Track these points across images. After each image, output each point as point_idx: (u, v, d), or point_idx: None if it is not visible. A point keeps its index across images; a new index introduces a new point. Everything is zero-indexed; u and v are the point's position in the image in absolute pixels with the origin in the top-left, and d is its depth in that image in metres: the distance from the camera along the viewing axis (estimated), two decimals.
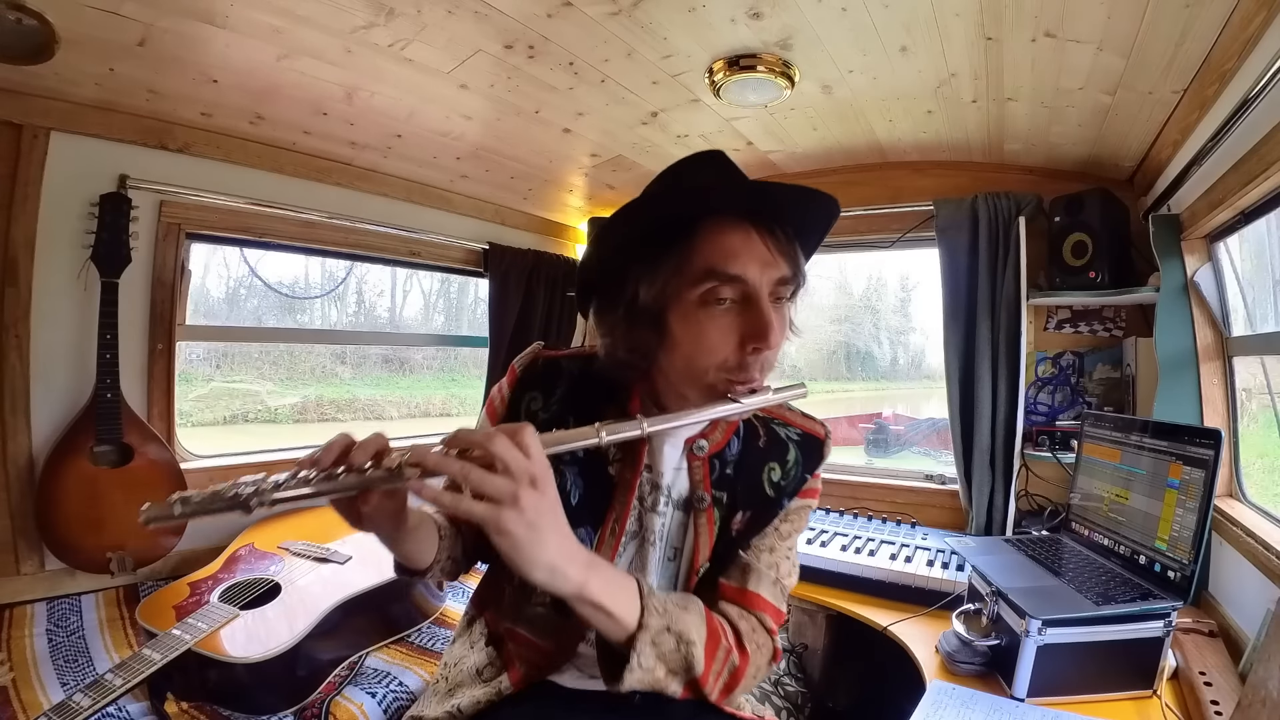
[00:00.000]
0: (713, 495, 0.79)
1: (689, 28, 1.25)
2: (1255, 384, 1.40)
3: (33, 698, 1.09)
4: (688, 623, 0.67)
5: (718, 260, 0.67)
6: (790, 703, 1.35)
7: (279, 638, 1.17)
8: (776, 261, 0.68)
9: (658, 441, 0.78)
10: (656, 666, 0.64)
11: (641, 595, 0.64)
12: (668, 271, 0.68)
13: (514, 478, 0.53)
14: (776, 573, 0.80)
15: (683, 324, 0.69)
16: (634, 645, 0.62)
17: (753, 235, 0.67)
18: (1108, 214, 1.65)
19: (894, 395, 3.84)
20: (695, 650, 0.66)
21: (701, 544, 0.78)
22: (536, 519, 0.54)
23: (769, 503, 0.81)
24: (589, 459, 0.78)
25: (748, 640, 0.74)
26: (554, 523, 0.57)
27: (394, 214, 2.08)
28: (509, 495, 0.53)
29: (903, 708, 1.05)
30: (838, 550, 1.60)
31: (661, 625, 0.64)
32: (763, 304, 0.67)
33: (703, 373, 0.69)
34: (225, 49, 1.28)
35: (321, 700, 1.15)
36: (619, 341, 0.74)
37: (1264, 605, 1.03)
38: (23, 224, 1.38)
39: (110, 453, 1.46)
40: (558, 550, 0.56)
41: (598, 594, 0.59)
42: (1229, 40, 1.05)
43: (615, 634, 0.63)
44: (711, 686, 0.70)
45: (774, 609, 0.79)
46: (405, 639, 1.41)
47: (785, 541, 0.82)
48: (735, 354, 0.68)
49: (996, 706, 1.03)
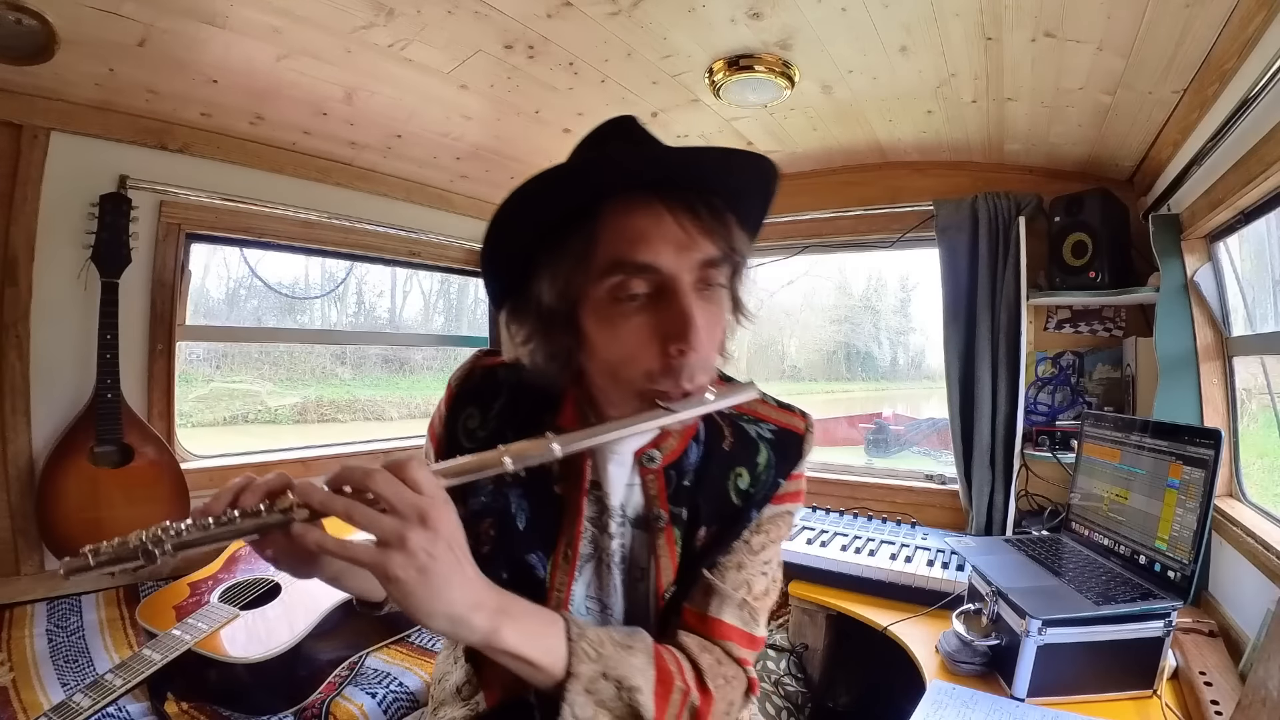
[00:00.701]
0: (670, 512, 0.69)
1: (689, 28, 1.25)
2: (1255, 384, 1.40)
3: (33, 698, 1.09)
4: (630, 666, 0.58)
5: (624, 248, 0.55)
6: (790, 703, 1.35)
7: (279, 638, 1.17)
8: (696, 242, 0.56)
9: (599, 458, 0.69)
10: (597, 715, 0.56)
11: (570, 639, 0.56)
12: (569, 265, 0.58)
13: (401, 515, 0.47)
14: (746, 592, 0.69)
15: (595, 326, 0.59)
16: (564, 695, 0.54)
17: (664, 214, 0.56)
18: (1108, 214, 1.65)
19: (894, 395, 3.84)
20: (641, 697, 0.57)
21: (664, 566, 0.69)
22: (428, 562, 0.47)
23: (735, 515, 0.70)
24: (533, 479, 0.68)
25: (710, 677, 0.64)
26: (451, 565, 0.49)
27: (394, 214, 2.08)
28: (395, 536, 0.47)
29: (903, 708, 1.05)
30: (838, 550, 1.60)
31: (595, 672, 0.56)
32: (682, 296, 0.56)
33: (628, 381, 0.59)
34: (225, 49, 1.28)
35: (321, 700, 1.15)
36: (537, 349, 0.64)
37: (1264, 605, 1.03)
38: (23, 224, 1.38)
39: (110, 453, 1.46)
40: (457, 596, 0.49)
41: (512, 642, 0.52)
42: (1229, 40, 1.05)
43: (541, 683, 0.56)
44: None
45: (742, 634, 0.69)
46: (405, 639, 1.41)
47: (758, 556, 0.71)
48: (658, 359, 0.57)
49: (996, 706, 1.03)
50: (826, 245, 2.23)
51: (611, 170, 0.57)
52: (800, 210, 2.14)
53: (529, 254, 0.61)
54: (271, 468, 1.85)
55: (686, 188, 0.58)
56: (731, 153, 0.56)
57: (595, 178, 0.57)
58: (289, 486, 0.50)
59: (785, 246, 2.27)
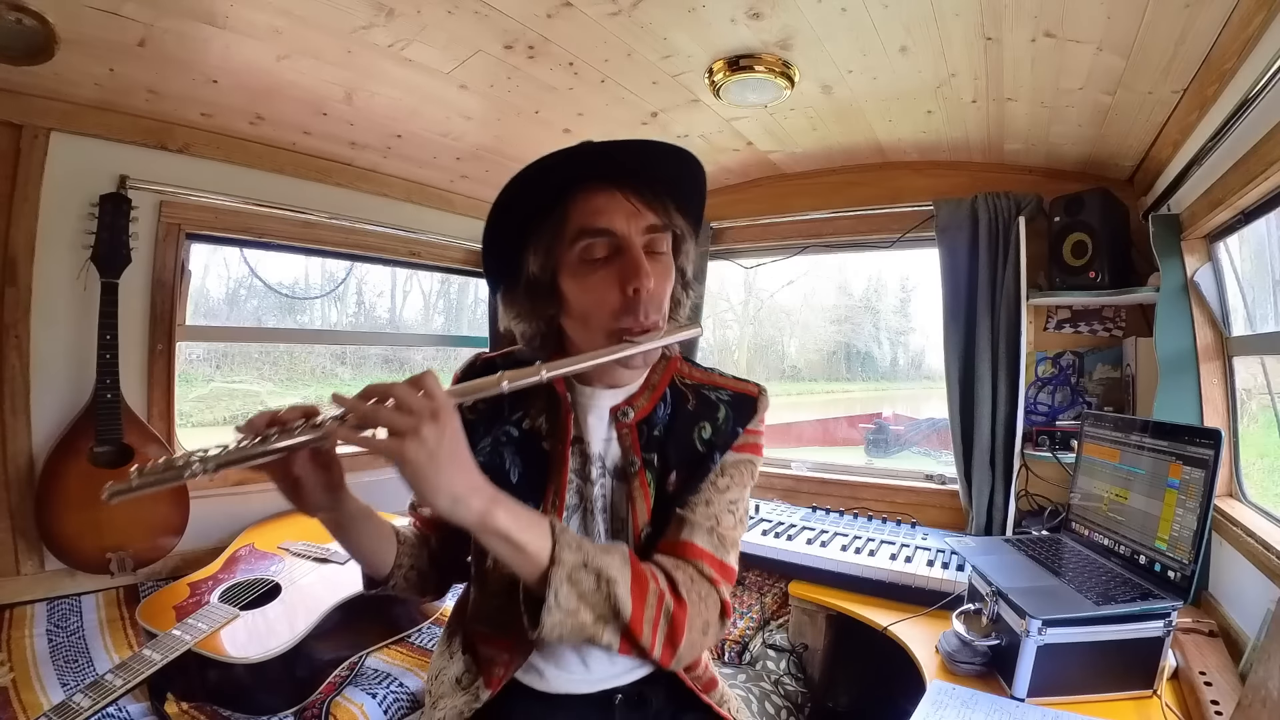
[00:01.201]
0: (643, 458, 0.80)
1: (689, 28, 1.25)
2: (1255, 384, 1.40)
3: (33, 698, 1.09)
4: (608, 562, 0.66)
5: (587, 218, 0.72)
6: (790, 702, 1.35)
7: (279, 638, 1.17)
8: (641, 212, 0.73)
9: (581, 413, 0.81)
10: (580, 609, 0.64)
11: (554, 532, 0.65)
12: (549, 239, 0.74)
13: (414, 413, 0.57)
14: (715, 523, 0.78)
15: (571, 283, 0.74)
16: (549, 581, 0.62)
17: (615, 193, 0.72)
18: (1108, 214, 1.65)
19: (894, 395, 3.83)
20: (619, 589, 0.65)
21: (639, 509, 0.79)
22: (436, 449, 0.57)
23: (701, 459, 0.81)
24: (525, 438, 0.82)
25: (685, 589, 0.71)
26: (454, 455, 0.59)
27: (394, 214, 2.08)
28: (410, 428, 0.56)
29: (903, 708, 1.05)
30: (838, 550, 1.60)
31: (577, 561, 0.64)
32: (633, 250, 0.72)
33: (599, 325, 0.73)
34: (225, 49, 1.28)
35: (321, 701, 1.15)
36: (526, 318, 0.79)
37: (1264, 605, 1.03)
38: (23, 224, 1.38)
39: (110, 453, 1.46)
40: (459, 479, 0.59)
41: (503, 524, 0.61)
42: (1229, 40, 1.05)
43: (528, 571, 0.63)
44: (649, 638, 0.68)
45: (712, 558, 0.76)
46: (405, 639, 1.41)
47: (724, 495, 0.80)
48: (619, 299, 0.72)
49: (996, 706, 1.03)
50: (826, 245, 2.23)
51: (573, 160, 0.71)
52: (800, 210, 2.14)
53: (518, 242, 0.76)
54: None
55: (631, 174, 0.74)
56: (659, 143, 0.72)
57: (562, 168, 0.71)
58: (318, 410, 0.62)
59: (785, 246, 2.27)
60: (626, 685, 0.85)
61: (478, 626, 0.85)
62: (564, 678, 0.82)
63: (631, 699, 0.85)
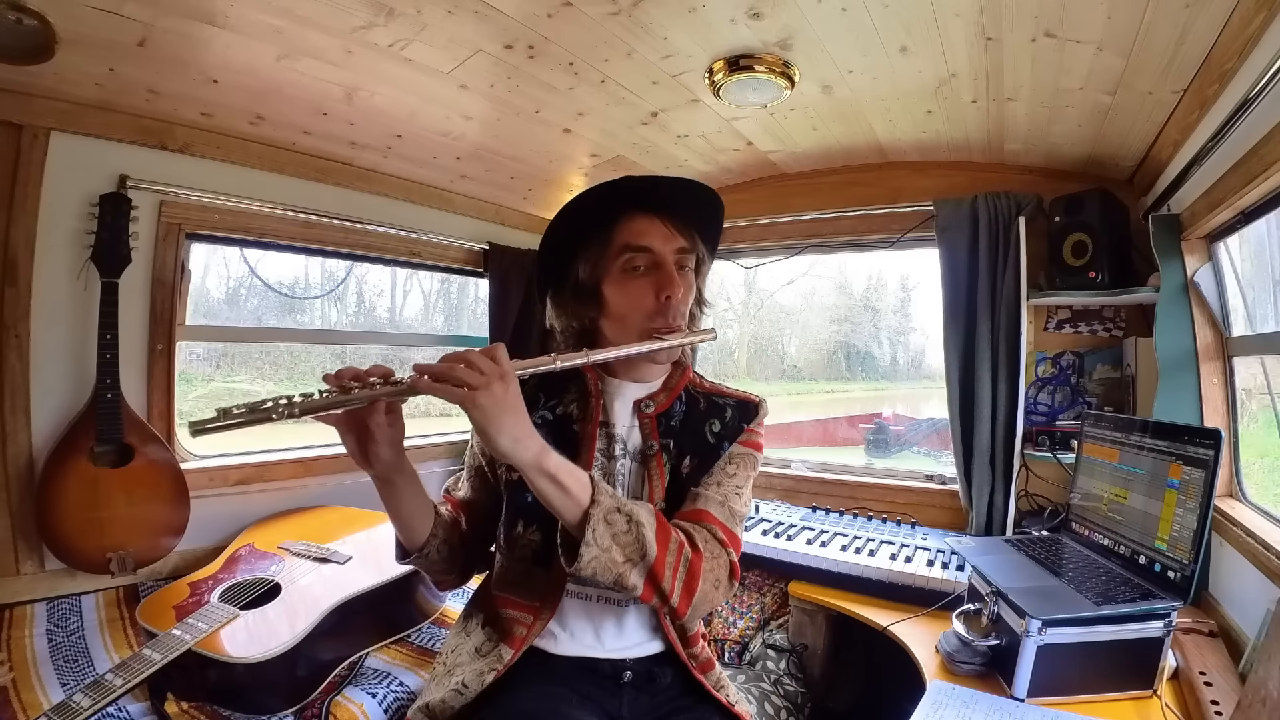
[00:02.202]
0: (660, 443, 0.94)
1: (689, 28, 1.25)
2: (1255, 384, 1.40)
3: (33, 698, 1.09)
4: (637, 508, 0.78)
5: (631, 238, 0.90)
6: (790, 702, 1.35)
7: (279, 638, 1.17)
8: (674, 236, 0.91)
9: (609, 400, 0.96)
10: (611, 547, 0.74)
11: (593, 480, 0.76)
12: (597, 253, 0.91)
13: (485, 373, 0.69)
14: (724, 499, 0.90)
15: (613, 289, 0.91)
16: (588, 520, 0.73)
17: (655, 219, 0.91)
18: (1108, 214, 1.65)
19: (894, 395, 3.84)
20: (646, 532, 0.76)
21: (655, 486, 0.91)
22: (503, 399, 0.69)
23: (711, 448, 0.95)
24: (559, 422, 0.95)
25: (701, 543, 0.82)
26: (516, 407, 0.71)
27: (394, 214, 2.08)
28: (483, 382, 0.68)
29: (903, 708, 1.05)
30: (838, 550, 1.60)
31: (612, 505, 0.75)
32: (667, 264, 0.90)
33: (634, 324, 0.89)
34: (225, 49, 1.28)
35: (322, 700, 1.15)
36: (569, 316, 0.95)
37: (1264, 605, 1.03)
38: (23, 224, 1.38)
39: (110, 453, 1.46)
40: (519, 426, 0.71)
41: (553, 467, 0.73)
42: (1229, 40, 1.05)
43: (570, 510, 0.74)
44: (670, 582, 0.77)
45: (723, 525, 0.87)
46: (405, 639, 1.41)
47: (732, 479, 0.92)
48: (653, 303, 0.89)
49: (996, 706, 1.03)
50: (826, 245, 2.23)
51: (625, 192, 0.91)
52: (800, 210, 2.14)
53: (568, 253, 0.94)
54: (272, 468, 1.86)
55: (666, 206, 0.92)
56: (689, 182, 0.93)
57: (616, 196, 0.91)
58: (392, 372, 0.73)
59: (785, 246, 2.27)
60: (635, 663, 0.92)
61: (503, 593, 0.94)
62: (577, 644, 0.92)
63: (640, 677, 0.92)
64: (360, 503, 1.85)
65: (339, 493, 1.90)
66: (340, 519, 1.76)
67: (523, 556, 0.92)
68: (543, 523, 0.90)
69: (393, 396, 0.72)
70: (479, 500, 1.00)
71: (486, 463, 0.99)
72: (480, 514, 0.99)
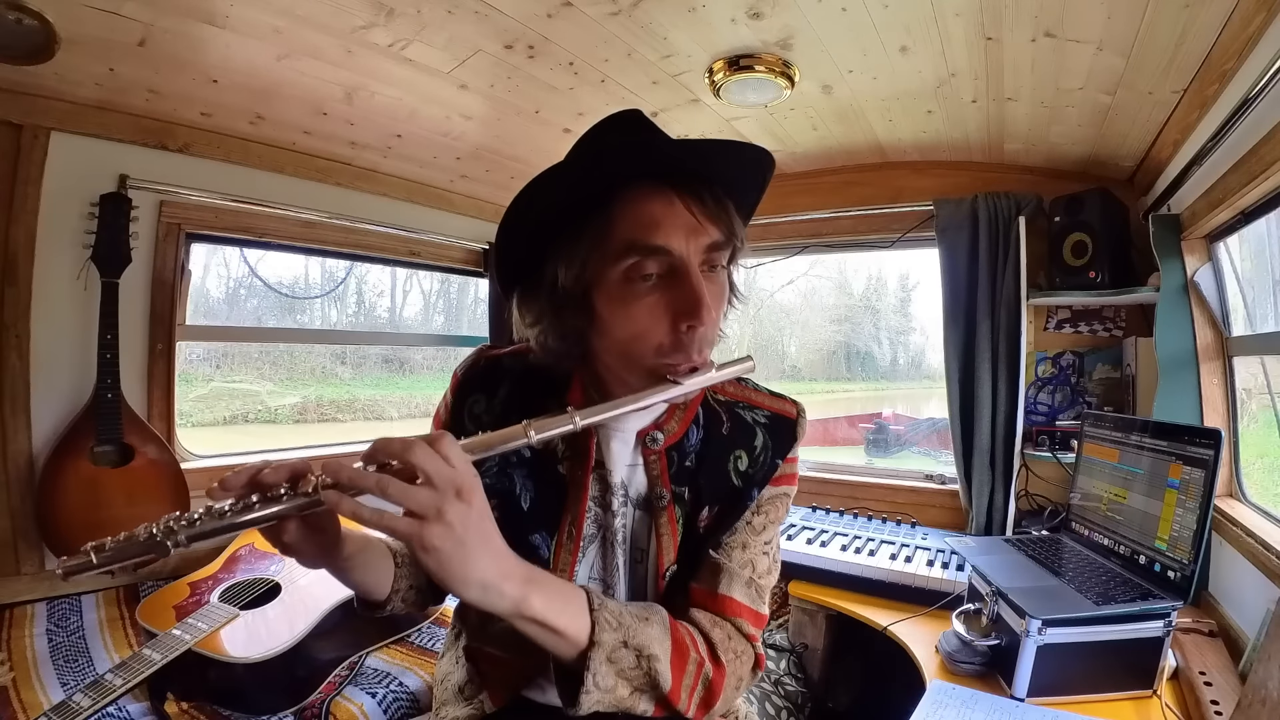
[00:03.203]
0: (672, 491, 0.73)
1: (689, 28, 1.25)
2: (1255, 384, 1.40)
3: (33, 698, 1.09)
4: (649, 636, 0.61)
5: (638, 232, 0.60)
6: (790, 702, 1.35)
7: (279, 638, 1.17)
8: (704, 227, 0.61)
9: (604, 436, 0.72)
10: (617, 685, 0.59)
11: (592, 609, 0.59)
12: (586, 249, 0.61)
13: (437, 489, 0.49)
14: (752, 571, 0.73)
15: (609, 306, 0.63)
16: (587, 664, 0.57)
17: (675, 201, 0.60)
18: (1108, 214, 1.65)
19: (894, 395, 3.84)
20: (659, 665, 0.61)
21: (665, 545, 0.72)
22: (464, 533, 0.50)
23: (737, 494, 0.74)
24: (538, 459, 0.73)
25: (722, 650, 0.68)
26: (484, 536, 0.52)
27: (394, 214, 2.08)
28: (432, 509, 0.48)
29: (903, 708, 1.05)
30: (838, 550, 1.60)
31: (617, 641, 0.59)
32: (692, 276, 0.60)
33: (639, 357, 0.63)
34: (225, 49, 1.28)
35: (321, 700, 1.15)
36: (547, 330, 0.67)
37: (1264, 605, 1.03)
38: (23, 224, 1.38)
39: (110, 453, 1.46)
40: (490, 565, 0.52)
41: (539, 610, 0.55)
42: (1229, 40, 1.05)
43: (565, 652, 0.58)
44: (685, 703, 0.64)
45: (750, 612, 0.72)
46: (405, 639, 1.41)
47: (760, 536, 0.75)
48: (669, 334, 0.61)
49: (996, 706, 1.03)
50: (826, 245, 2.23)
51: (628, 159, 0.61)
52: (800, 210, 2.14)
53: (543, 240, 0.65)
54: None
55: (692, 177, 0.62)
56: (736, 145, 0.61)
57: (612, 166, 0.61)
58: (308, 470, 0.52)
59: (785, 246, 2.27)
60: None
61: (485, 647, 0.80)
62: None
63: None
64: None
65: None
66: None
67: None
68: None
69: (303, 510, 0.52)
70: None
71: None
72: None
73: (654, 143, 0.64)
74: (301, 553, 0.59)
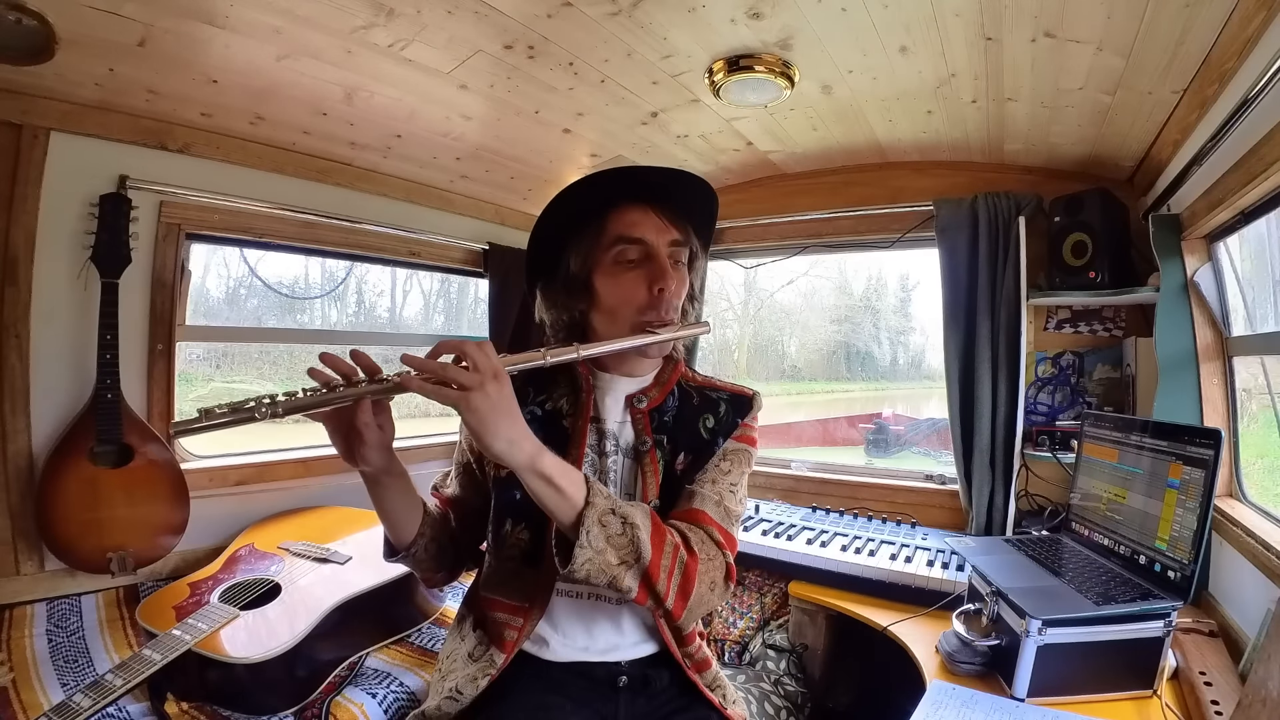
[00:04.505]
0: (654, 439, 0.92)
1: (689, 28, 1.25)
2: (1255, 384, 1.40)
3: (33, 698, 1.09)
4: (632, 510, 0.76)
5: (624, 229, 0.87)
6: (790, 702, 1.35)
7: (279, 638, 1.17)
8: (668, 228, 0.88)
9: (600, 395, 0.94)
10: (606, 549, 0.72)
11: (588, 481, 0.74)
12: (589, 244, 0.89)
13: (481, 371, 0.67)
14: (720, 497, 0.88)
15: (604, 281, 0.89)
16: (582, 522, 0.71)
17: (648, 210, 0.88)
18: (1108, 214, 1.65)
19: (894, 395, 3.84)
20: (641, 534, 0.74)
21: (649, 484, 0.90)
22: (498, 401, 0.68)
23: (706, 444, 0.93)
24: (548, 418, 0.94)
25: (695, 544, 0.81)
26: (511, 409, 0.70)
27: (394, 214, 2.08)
28: (477, 383, 0.67)
29: (903, 708, 1.05)
30: (838, 550, 1.60)
31: (607, 507, 0.74)
32: (660, 257, 0.87)
33: (625, 318, 0.87)
34: (225, 49, 1.28)
35: (322, 700, 1.15)
36: (560, 308, 0.92)
37: (1264, 605, 1.03)
38: (23, 224, 1.38)
39: (110, 453, 1.46)
40: (515, 426, 0.70)
41: (548, 468, 0.71)
42: (1229, 40, 1.05)
43: (564, 512, 0.72)
44: (665, 585, 0.75)
45: (719, 526, 0.86)
46: (405, 639, 1.41)
47: (727, 476, 0.91)
48: (645, 296, 0.86)
49: (996, 706, 1.03)
50: (826, 245, 2.23)
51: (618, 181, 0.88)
52: (800, 210, 2.14)
53: (560, 242, 0.91)
54: (272, 468, 1.86)
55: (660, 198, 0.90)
56: (687, 173, 0.90)
57: (607, 188, 0.89)
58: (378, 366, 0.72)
59: (785, 246, 2.27)
60: (630, 666, 0.91)
61: (491, 595, 0.93)
62: (569, 647, 0.90)
63: (636, 681, 0.90)
64: (360, 503, 1.83)
65: (339, 493, 1.90)
66: (340, 519, 1.76)
67: (511, 555, 0.90)
68: (531, 521, 0.90)
69: (379, 394, 0.70)
70: (467, 498, 0.99)
71: (475, 459, 0.98)
72: (469, 511, 0.98)
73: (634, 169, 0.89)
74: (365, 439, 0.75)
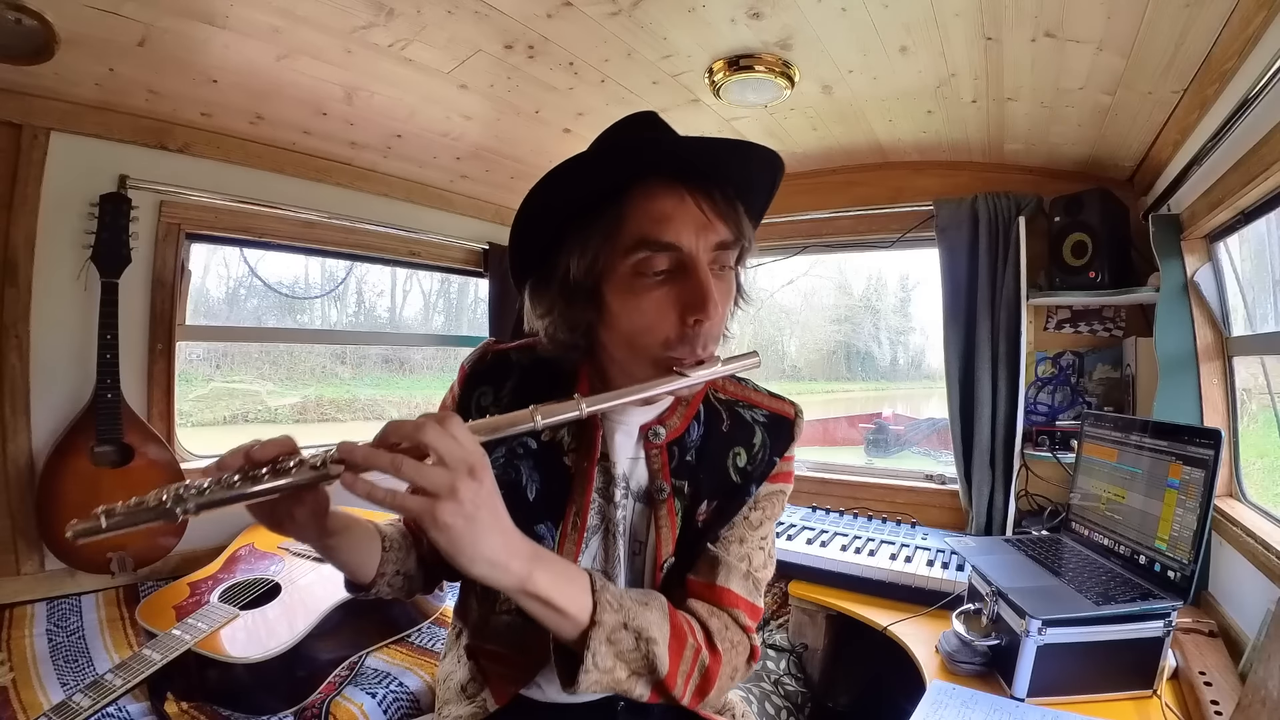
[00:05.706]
0: (672, 485, 0.74)
1: (689, 28, 1.25)
2: (1255, 384, 1.40)
3: (33, 698, 1.09)
4: (648, 620, 0.62)
5: (649, 227, 0.62)
6: (790, 702, 1.35)
7: (279, 638, 1.17)
8: (713, 225, 0.63)
9: (609, 428, 0.74)
10: (616, 667, 0.60)
11: (594, 590, 0.60)
12: (598, 242, 0.63)
13: (449, 468, 0.50)
14: (749, 565, 0.74)
15: (618, 298, 0.64)
16: (587, 643, 0.58)
17: (686, 198, 0.62)
18: (1108, 214, 1.65)
19: (894, 395, 3.84)
20: (657, 649, 0.62)
21: (664, 538, 0.74)
22: (475, 511, 0.50)
23: (735, 490, 0.76)
24: (544, 451, 0.75)
25: (719, 639, 0.69)
26: (493, 513, 0.53)
27: (394, 214, 2.08)
28: (445, 487, 0.49)
29: (903, 708, 1.05)
30: (838, 550, 1.60)
31: (617, 622, 0.60)
32: (700, 272, 0.62)
33: (645, 350, 0.65)
34: (225, 49, 1.28)
35: (321, 700, 1.15)
36: (557, 321, 0.69)
37: (1264, 605, 1.03)
38: (23, 224, 1.38)
39: (110, 453, 1.46)
40: (499, 542, 0.53)
41: (544, 588, 0.56)
42: (1229, 40, 1.05)
43: (567, 631, 0.59)
44: (681, 689, 0.65)
45: (747, 604, 0.73)
46: (405, 639, 1.41)
47: (757, 531, 0.76)
48: (676, 328, 0.63)
49: (996, 706, 1.03)
50: (826, 245, 2.23)
51: (641, 154, 0.63)
52: (800, 210, 2.14)
53: (556, 233, 0.67)
54: None
55: (704, 175, 0.63)
56: (747, 145, 0.63)
57: (625, 160, 0.63)
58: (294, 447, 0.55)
59: (785, 246, 2.27)
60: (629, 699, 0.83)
61: (486, 645, 0.81)
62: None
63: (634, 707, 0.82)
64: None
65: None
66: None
67: (505, 610, 0.78)
68: None
69: (312, 484, 0.55)
70: None
71: None
72: None
73: (667, 140, 0.65)
74: (298, 525, 0.61)
